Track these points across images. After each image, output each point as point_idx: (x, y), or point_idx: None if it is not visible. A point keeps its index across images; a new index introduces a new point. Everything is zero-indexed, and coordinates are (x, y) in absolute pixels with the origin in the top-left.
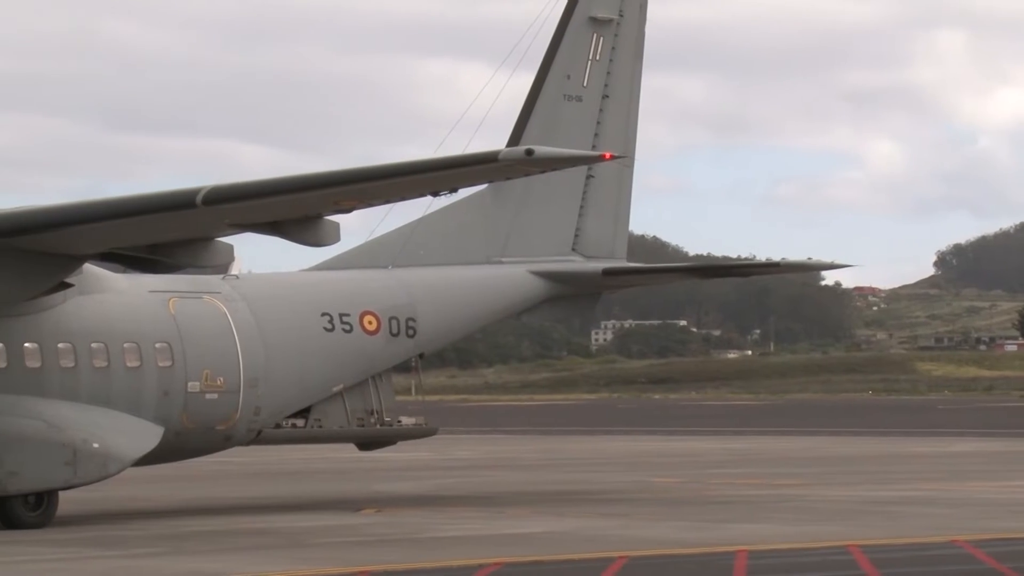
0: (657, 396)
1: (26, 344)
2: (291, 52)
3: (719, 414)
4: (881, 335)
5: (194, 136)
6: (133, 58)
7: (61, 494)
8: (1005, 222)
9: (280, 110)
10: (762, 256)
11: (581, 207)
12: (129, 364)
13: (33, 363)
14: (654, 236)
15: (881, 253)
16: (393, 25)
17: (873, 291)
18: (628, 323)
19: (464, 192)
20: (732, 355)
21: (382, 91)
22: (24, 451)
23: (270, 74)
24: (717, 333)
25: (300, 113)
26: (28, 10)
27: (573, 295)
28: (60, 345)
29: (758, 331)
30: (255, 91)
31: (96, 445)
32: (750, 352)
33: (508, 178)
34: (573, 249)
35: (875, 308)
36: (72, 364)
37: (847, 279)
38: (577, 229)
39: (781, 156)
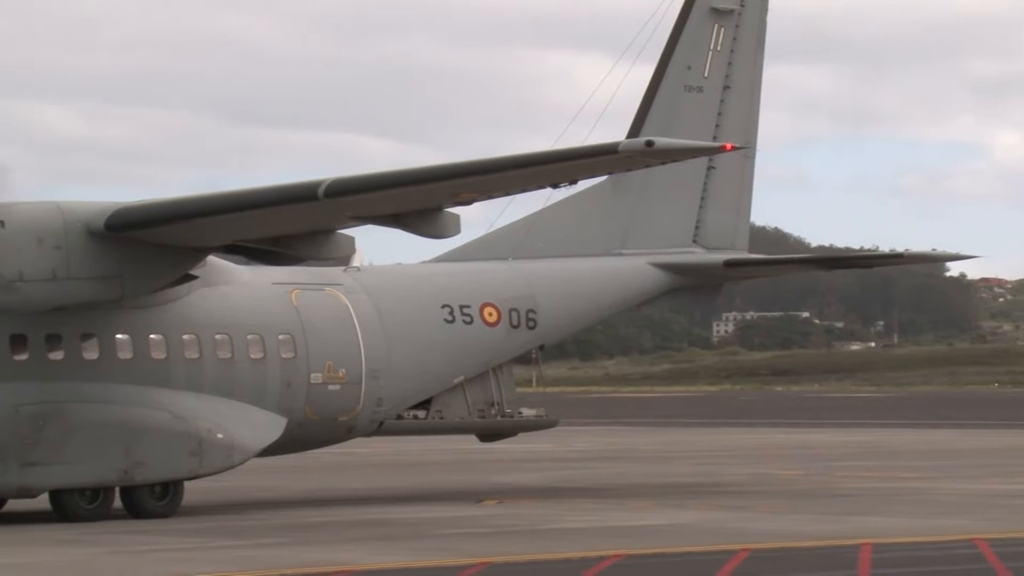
0: (779, 388)
1: (152, 335)
2: (410, 45)
3: (842, 406)
4: (1007, 326)
5: (313, 129)
6: (253, 53)
7: (186, 484)
8: None
9: (399, 103)
10: (885, 247)
11: (702, 198)
12: (253, 355)
13: (159, 354)
14: (775, 227)
15: (1007, 244)
16: (512, 17)
17: (999, 282)
18: (750, 315)
19: (584, 184)
20: (855, 347)
21: (501, 84)
22: (150, 441)
23: (389, 67)
24: (840, 325)
25: (420, 106)
26: (150, 7)
27: (694, 287)
28: (185, 336)
29: (881, 323)
30: (374, 84)
31: (221, 436)
32: (873, 344)
33: (628, 169)
34: (694, 240)
35: (1001, 299)
36: (197, 355)
37: (972, 270)
38: (698, 220)
39: (904, 146)
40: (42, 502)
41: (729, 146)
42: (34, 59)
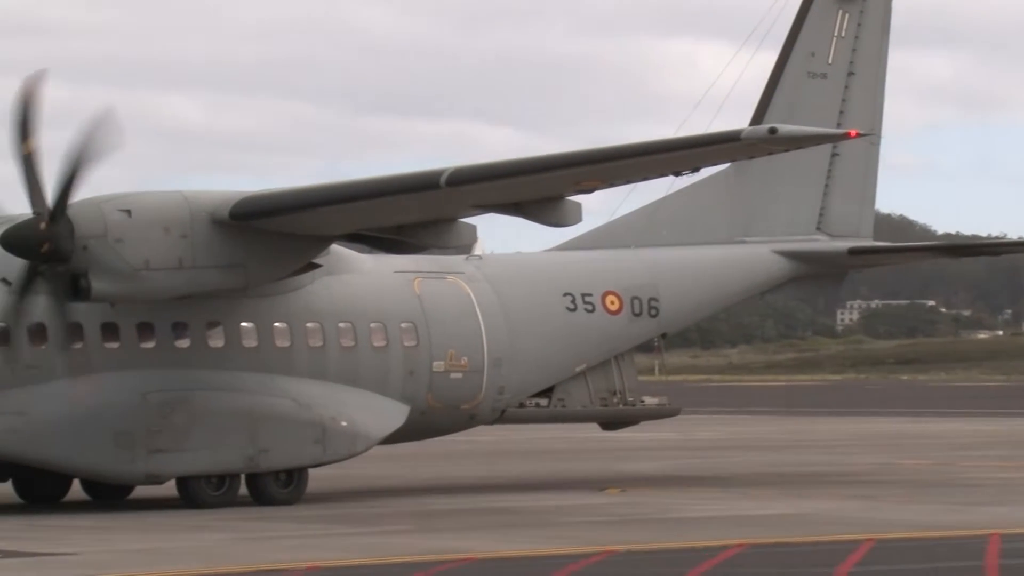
0: (905, 377)
1: (276, 324)
2: (531, 34)
3: (969, 395)
4: None
5: (435, 118)
6: (375, 42)
7: (310, 471)
8: None
9: (521, 92)
10: (1013, 234)
11: (826, 186)
12: (375, 344)
13: (283, 342)
14: (901, 215)
15: None
16: (634, 6)
17: None
18: (875, 303)
19: (706, 172)
20: (982, 335)
21: (622, 72)
22: (275, 429)
23: (510, 56)
24: (967, 313)
25: (541, 94)
26: None
27: (818, 275)
28: (309, 325)
29: (1009, 311)
30: (496, 73)
31: (344, 423)
32: (1001, 332)
33: (751, 157)
34: (818, 228)
35: None
36: (320, 343)
37: None
38: (822, 208)
39: None
40: (169, 488)
41: (853, 133)
42: (160, 51)
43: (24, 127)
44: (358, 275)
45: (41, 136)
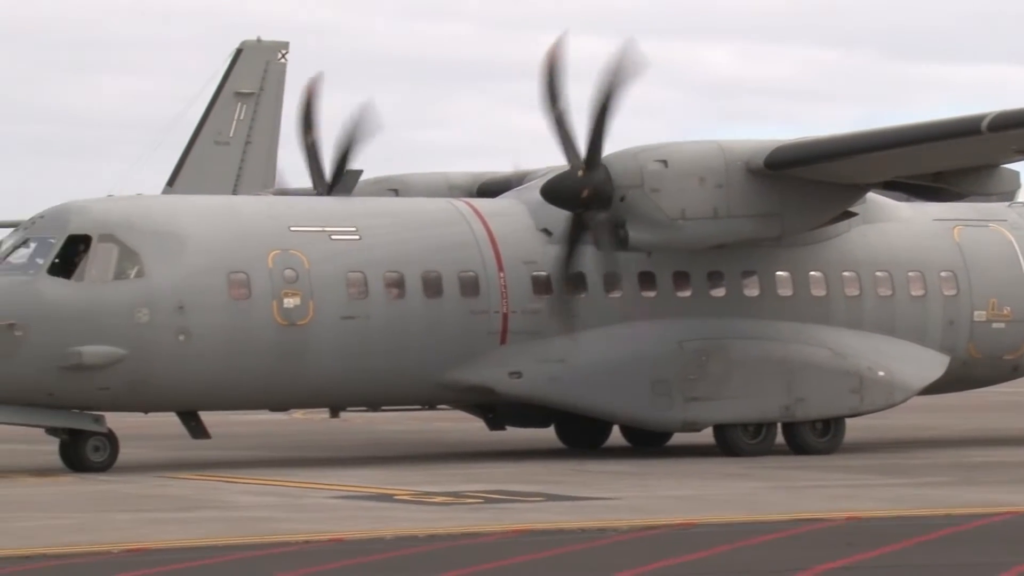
0: None
1: (811, 272)
2: None
3: None
4: None
5: (973, 62)
6: None
7: (847, 421)
8: None
9: None
10: None
11: None
12: (913, 293)
13: (818, 291)
14: None
15: None
16: None
17: None
18: None
19: None
20: None
21: None
22: (812, 378)
23: None
24: None
25: None
26: None
27: None
28: (845, 274)
29: None
30: None
31: (881, 373)
32: None
33: None
34: None
35: None
36: (856, 293)
37: None
38: None
39: None
40: (705, 436)
41: None
42: (695, 2)
43: (552, 86)
44: (895, 223)
45: (570, 91)
